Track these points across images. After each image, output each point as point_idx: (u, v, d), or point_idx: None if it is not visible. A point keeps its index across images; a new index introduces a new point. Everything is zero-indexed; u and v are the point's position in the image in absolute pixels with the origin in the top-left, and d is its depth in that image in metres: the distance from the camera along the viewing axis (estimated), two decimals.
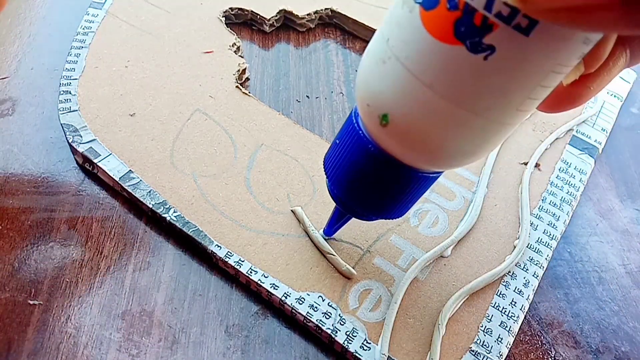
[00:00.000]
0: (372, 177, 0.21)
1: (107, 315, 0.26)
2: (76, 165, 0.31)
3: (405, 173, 0.21)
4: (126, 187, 0.28)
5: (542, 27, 0.15)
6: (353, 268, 0.26)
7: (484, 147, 0.19)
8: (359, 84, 0.20)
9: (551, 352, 0.26)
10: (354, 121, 0.21)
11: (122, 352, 0.25)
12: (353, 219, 0.26)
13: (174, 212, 0.28)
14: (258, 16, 0.39)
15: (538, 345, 0.27)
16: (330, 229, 0.27)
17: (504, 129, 0.18)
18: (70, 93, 0.32)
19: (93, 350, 0.24)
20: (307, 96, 0.37)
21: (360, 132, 0.21)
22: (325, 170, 0.23)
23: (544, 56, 0.16)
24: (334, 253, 0.27)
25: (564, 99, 0.21)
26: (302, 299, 0.25)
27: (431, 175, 0.21)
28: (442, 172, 0.22)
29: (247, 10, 0.39)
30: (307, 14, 0.40)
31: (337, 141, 0.22)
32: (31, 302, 0.26)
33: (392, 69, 0.18)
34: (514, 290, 0.27)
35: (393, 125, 0.19)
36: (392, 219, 0.23)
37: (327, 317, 0.25)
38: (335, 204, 0.25)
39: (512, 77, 0.16)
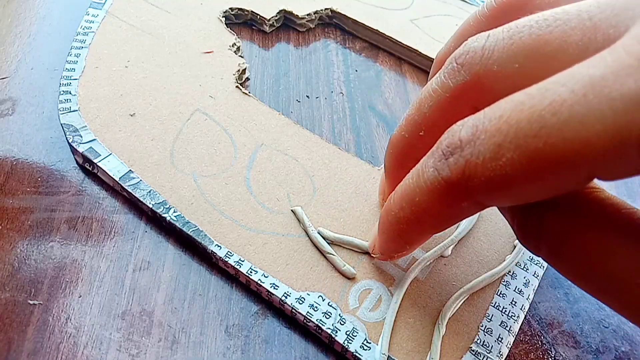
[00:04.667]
0: None
1: (107, 315, 0.26)
2: (76, 165, 0.31)
3: None
4: (126, 187, 0.28)
5: None
6: (353, 268, 0.26)
7: None
8: None
9: (551, 352, 0.26)
10: None
11: (122, 352, 0.25)
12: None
13: (174, 212, 0.28)
14: (258, 16, 0.39)
15: (538, 345, 0.26)
16: None
17: None
18: (70, 93, 0.32)
19: (93, 350, 0.24)
20: (307, 96, 0.37)
21: None
22: None
23: None
24: (334, 253, 0.27)
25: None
26: (302, 299, 0.25)
27: None
28: None
29: (247, 11, 0.39)
30: (307, 14, 0.40)
31: None
32: (31, 302, 0.26)
33: None
34: (515, 290, 0.27)
35: None
36: None
37: (327, 316, 0.25)
38: None
39: None
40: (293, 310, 0.25)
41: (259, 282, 0.26)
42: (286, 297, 0.25)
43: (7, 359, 0.24)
